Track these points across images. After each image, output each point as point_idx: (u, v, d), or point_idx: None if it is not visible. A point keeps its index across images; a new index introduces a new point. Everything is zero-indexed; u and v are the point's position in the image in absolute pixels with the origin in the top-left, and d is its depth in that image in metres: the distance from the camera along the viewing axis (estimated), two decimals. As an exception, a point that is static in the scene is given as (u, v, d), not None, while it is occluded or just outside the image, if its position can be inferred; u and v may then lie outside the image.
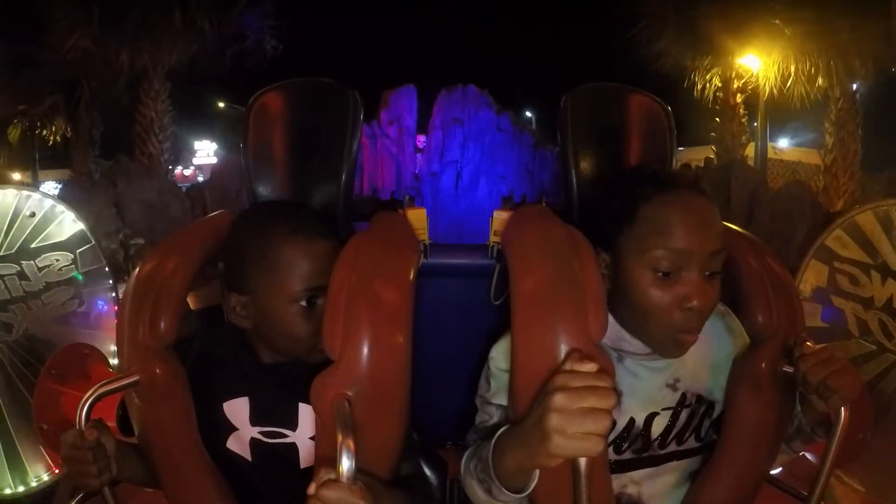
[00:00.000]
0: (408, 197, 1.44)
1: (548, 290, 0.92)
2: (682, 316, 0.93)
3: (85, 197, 5.29)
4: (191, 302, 1.18)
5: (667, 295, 0.93)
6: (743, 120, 9.01)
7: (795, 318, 1.03)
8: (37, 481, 2.18)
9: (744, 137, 9.54)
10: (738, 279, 1.06)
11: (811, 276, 2.19)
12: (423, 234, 1.35)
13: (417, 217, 1.34)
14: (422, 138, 8.74)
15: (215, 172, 7.06)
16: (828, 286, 2.15)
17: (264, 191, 1.29)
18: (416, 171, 8.56)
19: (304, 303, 1.03)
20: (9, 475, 2.14)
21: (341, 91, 1.33)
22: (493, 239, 1.37)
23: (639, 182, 0.98)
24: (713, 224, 0.94)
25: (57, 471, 2.21)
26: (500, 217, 1.33)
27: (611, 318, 0.99)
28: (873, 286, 2.02)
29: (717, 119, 8.92)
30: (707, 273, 0.93)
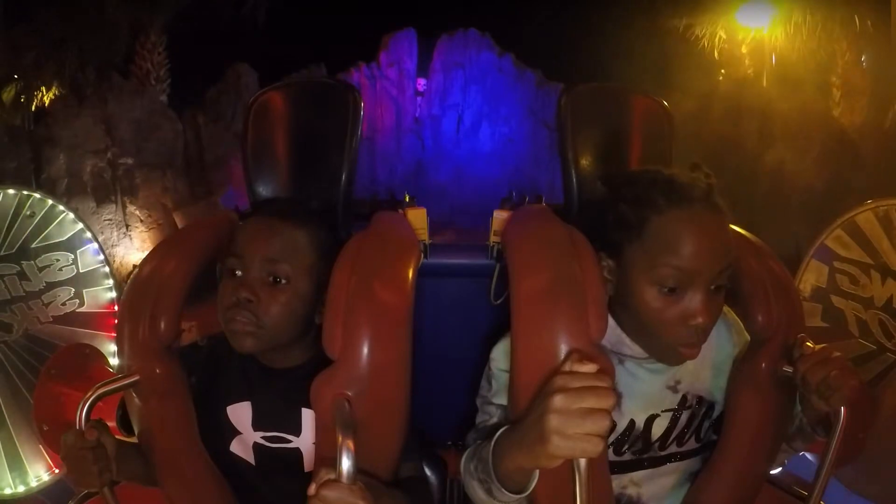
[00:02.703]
0: (408, 197, 1.44)
1: (548, 291, 0.92)
2: (685, 331, 0.93)
3: (74, 113, 5.12)
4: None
5: (671, 311, 0.92)
6: (749, 72, 8.85)
7: (795, 318, 1.03)
8: (37, 481, 2.18)
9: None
10: (739, 279, 1.06)
11: (811, 276, 2.19)
12: (423, 234, 1.35)
13: (417, 217, 1.34)
14: (422, 81, 8.66)
15: (211, 95, 6.95)
16: (828, 286, 2.14)
17: (264, 191, 1.29)
18: (417, 115, 8.50)
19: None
20: (9, 475, 2.14)
21: (342, 91, 1.33)
22: (493, 239, 1.37)
23: (650, 189, 0.95)
24: (724, 241, 0.93)
25: (57, 471, 2.21)
26: (500, 217, 1.33)
27: (611, 322, 0.98)
28: (873, 286, 2.02)
29: (723, 70, 8.71)
30: (713, 287, 0.92)
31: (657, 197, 0.93)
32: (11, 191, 2.13)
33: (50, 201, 2.18)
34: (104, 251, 2.35)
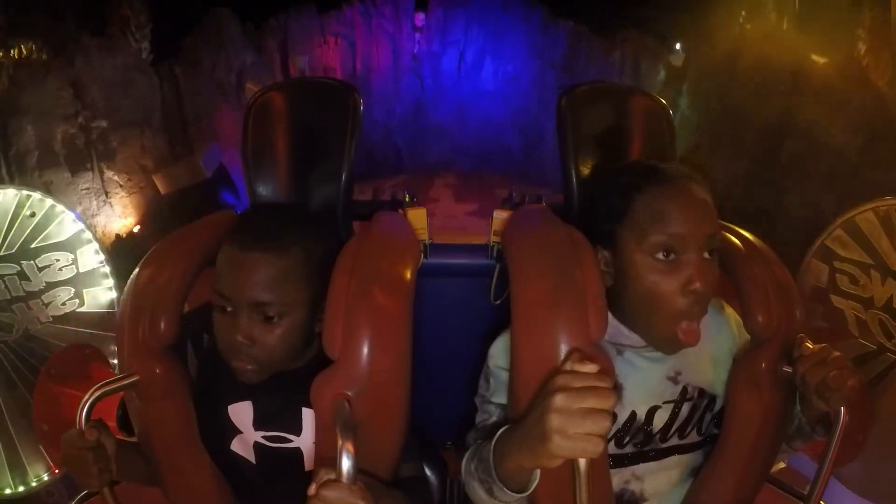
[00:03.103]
0: (408, 197, 1.44)
1: (548, 291, 0.92)
2: (685, 301, 0.93)
3: (40, 78, 4.62)
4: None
5: (669, 280, 0.93)
6: (771, 15, 8.58)
7: (795, 318, 1.03)
8: (37, 481, 2.18)
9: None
10: (739, 280, 1.06)
11: (811, 276, 2.19)
12: (423, 234, 1.35)
13: (417, 217, 1.34)
14: (420, 16, 8.24)
15: (188, 44, 6.53)
16: (828, 286, 2.14)
17: (264, 191, 1.29)
18: (415, 52, 8.12)
19: (220, 309, 0.99)
20: (9, 475, 2.14)
21: (342, 91, 1.33)
22: (493, 239, 1.37)
23: (633, 176, 0.99)
24: (708, 206, 0.96)
25: (57, 471, 2.21)
26: (500, 217, 1.33)
27: (609, 315, 0.99)
28: (873, 286, 2.02)
29: (743, 13, 8.42)
30: (705, 254, 0.94)
31: (640, 180, 0.97)
32: (11, 190, 2.13)
33: (50, 201, 2.18)
34: (102, 250, 2.35)
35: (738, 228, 1.13)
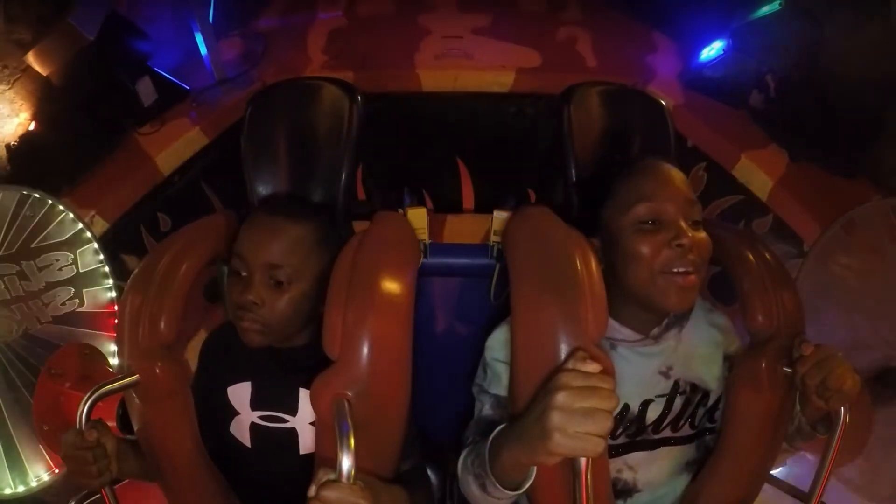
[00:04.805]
0: (408, 197, 1.44)
1: (548, 290, 0.92)
2: (671, 252, 0.95)
3: None
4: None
5: (654, 241, 0.96)
6: None
7: (795, 318, 1.03)
8: (37, 481, 2.18)
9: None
10: (739, 279, 1.06)
11: (810, 276, 2.18)
12: (424, 234, 1.35)
13: (417, 217, 1.34)
14: None
15: None
16: (828, 286, 2.14)
17: (264, 190, 1.29)
18: None
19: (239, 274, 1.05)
20: (9, 475, 2.14)
21: (342, 90, 1.33)
22: (493, 239, 1.37)
23: (616, 168, 1.06)
24: (683, 180, 1.01)
25: (57, 471, 2.21)
26: (500, 217, 1.33)
27: None
28: (871, 286, 2.02)
29: None
30: (690, 221, 0.96)
31: (623, 169, 1.05)
32: (11, 190, 2.13)
33: (50, 201, 2.18)
34: (104, 251, 2.35)
35: (739, 230, 1.13)
